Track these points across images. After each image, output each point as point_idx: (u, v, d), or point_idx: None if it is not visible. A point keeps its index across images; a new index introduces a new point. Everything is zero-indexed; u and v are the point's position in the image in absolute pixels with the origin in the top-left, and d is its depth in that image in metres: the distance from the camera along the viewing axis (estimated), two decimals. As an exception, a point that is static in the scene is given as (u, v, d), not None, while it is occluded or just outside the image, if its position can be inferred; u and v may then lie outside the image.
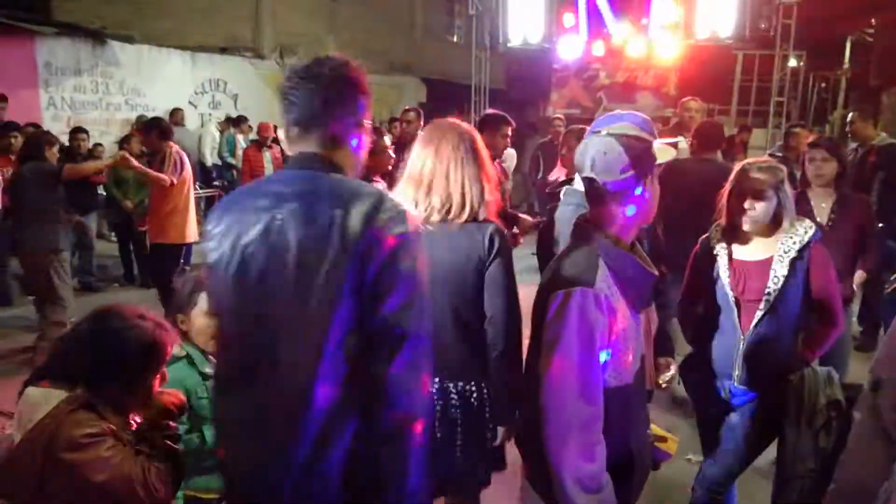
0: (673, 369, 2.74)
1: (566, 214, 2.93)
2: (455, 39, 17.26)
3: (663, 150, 1.79)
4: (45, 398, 1.77)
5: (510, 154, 9.88)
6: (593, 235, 1.79)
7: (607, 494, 1.71)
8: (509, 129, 4.96)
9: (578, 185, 2.93)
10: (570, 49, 11.57)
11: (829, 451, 2.42)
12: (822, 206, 3.67)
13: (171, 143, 5.73)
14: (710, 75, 12.39)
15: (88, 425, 1.74)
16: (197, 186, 9.41)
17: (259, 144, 9.25)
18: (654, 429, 2.07)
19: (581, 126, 3.96)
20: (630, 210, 1.77)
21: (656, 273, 1.85)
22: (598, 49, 11.54)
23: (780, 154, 5.93)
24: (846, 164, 3.86)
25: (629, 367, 1.78)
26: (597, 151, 1.75)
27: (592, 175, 1.76)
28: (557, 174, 5.15)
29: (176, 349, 2.17)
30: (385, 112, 14.74)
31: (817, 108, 15.39)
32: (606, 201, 1.77)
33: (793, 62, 12.13)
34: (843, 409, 2.45)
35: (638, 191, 1.75)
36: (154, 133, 5.74)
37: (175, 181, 5.62)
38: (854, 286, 3.91)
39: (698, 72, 11.58)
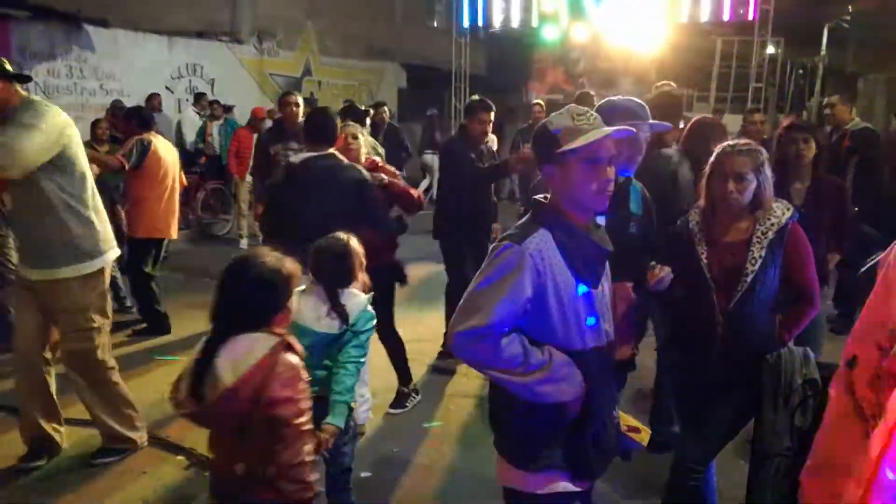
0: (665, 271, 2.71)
1: None
2: (436, 24, 17.15)
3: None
4: (252, 344, 2.00)
5: (491, 140, 9.87)
6: (543, 209, 1.99)
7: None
8: (486, 114, 4.93)
9: None
10: (551, 34, 11.57)
11: (805, 430, 2.46)
12: (797, 187, 3.69)
13: (149, 134, 5.61)
14: (690, 61, 12.44)
15: (294, 364, 2.03)
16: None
17: (252, 127, 9.16)
18: (627, 418, 2.10)
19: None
20: (565, 188, 1.95)
21: (609, 248, 2.01)
22: (579, 34, 11.54)
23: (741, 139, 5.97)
24: (822, 147, 3.89)
25: (575, 332, 1.93)
26: None
27: None
28: None
29: None
30: (366, 97, 14.67)
31: (795, 94, 15.50)
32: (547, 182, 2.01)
33: (771, 49, 12.22)
34: (819, 388, 2.48)
35: (553, 173, 1.95)
36: (134, 120, 5.68)
37: (126, 165, 5.46)
38: (829, 268, 3.95)
39: (678, 57, 11.62)
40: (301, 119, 5.89)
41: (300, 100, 6.22)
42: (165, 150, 5.73)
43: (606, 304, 2.05)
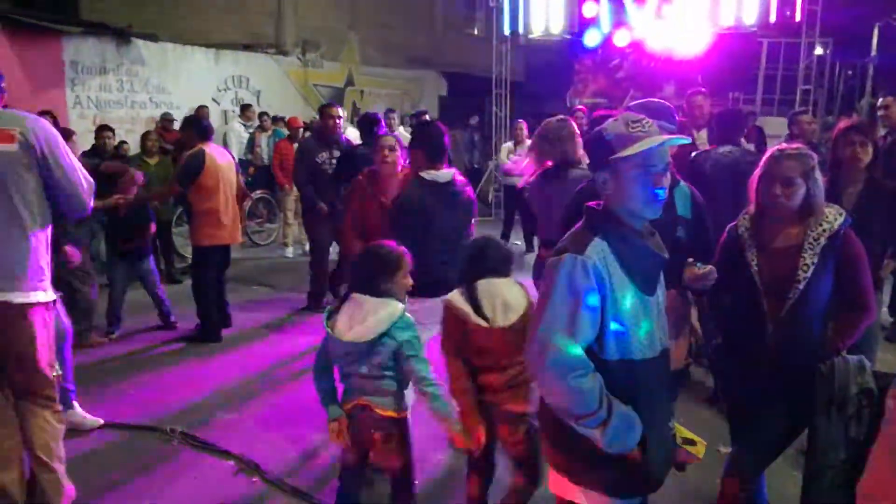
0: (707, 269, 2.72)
1: None
2: (475, 32, 17.20)
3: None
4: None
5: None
6: (597, 216, 1.98)
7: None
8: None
9: None
10: (592, 39, 11.49)
11: (860, 441, 2.39)
12: (850, 191, 3.60)
13: (205, 144, 5.70)
14: (735, 64, 12.23)
15: None
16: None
17: (290, 138, 9.37)
18: (683, 431, 2.07)
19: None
20: (618, 195, 1.94)
21: (665, 256, 1.99)
22: (621, 39, 11.44)
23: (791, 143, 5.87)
24: (878, 149, 3.78)
25: (631, 341, 1.92)
26: None
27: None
28: None
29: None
30: (407, 105, 14.78)
31: (844, 96, 15.12)
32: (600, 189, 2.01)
33: (819, 50, 11.94)
34: (875, 398, 2.41)
35: (607, 180, 1.95)
36: (193, 129, 5.83)
37: (180, 189, 5.70)
38: (883, 275, 3.84)
39: (723, 60, 11.43)
40: (342, 128, 6.31)
41: (341, 111, 6.48)
42: (220, 159, 5.80)
43: (662, 313, 2.03)
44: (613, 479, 1.95)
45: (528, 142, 9.83)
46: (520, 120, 10.01)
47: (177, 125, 9.62)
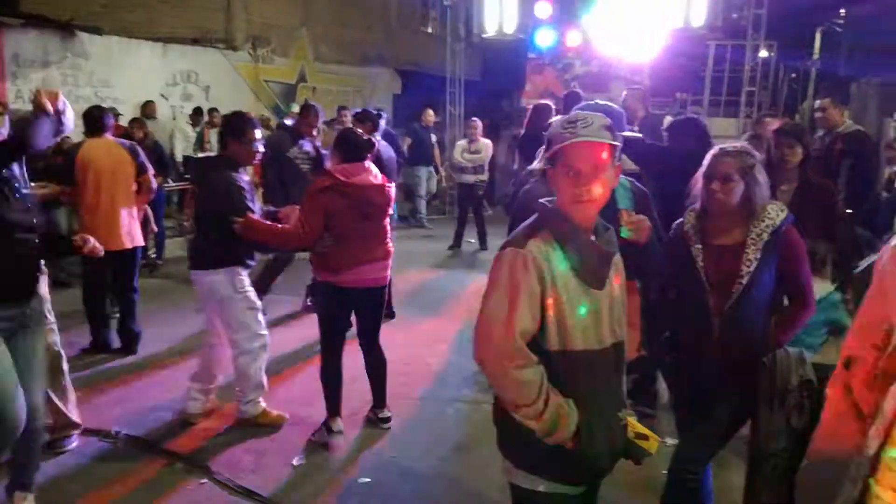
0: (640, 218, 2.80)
1: None
2: (430, 30, 17.20)
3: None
4: None
5: (486, 144, 9.91)
6: (544, 212, 2.02)
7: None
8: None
9: None
10: (545, 39, 11.61)
11: (801, 430, 2.47)
12: (783, 189, 3.72)
13: (93, 138, 5.40)
14: (683, 65, 12.49)
15: None
16: (170, 180, 9.34)
17: None
18: (636, 425, 2.09)
19: None
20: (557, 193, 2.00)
21: (613, 251, 2.04)
22: (573, 39, 11.58)
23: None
24: (810, 150, 3.92)
25: (574, 333, 1.94)
26: None
27: None
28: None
29: None
30: (360, 103, 14.68)
31: (788, 98, 15.58)
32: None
33: (764, 53, 12.27)
34: (816, 389, 2.49)
35: (552, 178, 1.99)
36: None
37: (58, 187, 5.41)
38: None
39: (671, 62, 11.66)
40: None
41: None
42: (96, 154, 5.32)
43: (615, 306, 2.06)
44: (556, 466, 1.99)
45: (482, 140, 9.95)
46: (474, 118, 10.05)
47: (123, 121, 9.37)
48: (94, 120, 5.49)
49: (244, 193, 3.95)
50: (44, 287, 3.27)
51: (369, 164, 4.02)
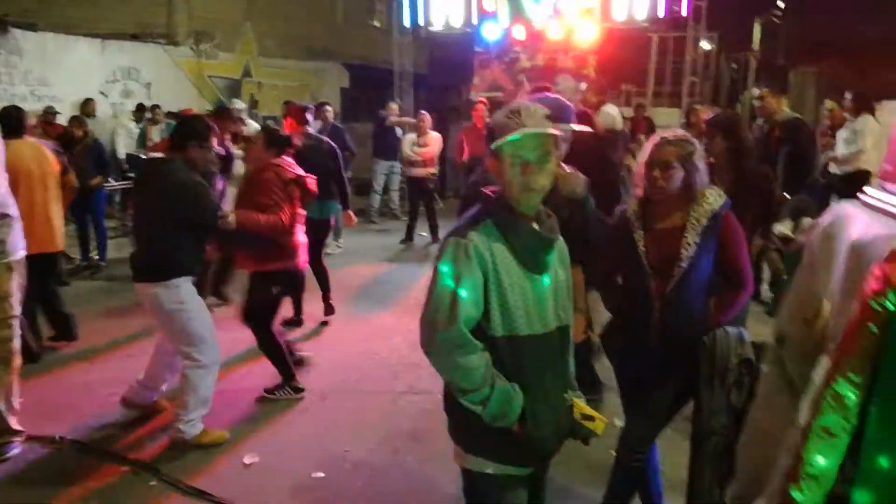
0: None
1: None
2: (377, 24, 17.09)
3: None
4: None
5: (436, 138, 9.91)
6: (487, 202, 2.06)
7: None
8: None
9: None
10: (492, 33, 11.66)
11: (741, 408, 2.55)
12: (716, 178, 3.81)
13: (12, 139, 4.82)
14: (627, 57, 12.69)
15: None
16: (111, 179, 9.09)
17: None
18: (582, 407, 2.12)
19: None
20: (502, 183, 2.03)
21: (554, 237, 2.07)
22: (519, 33, 11.66)
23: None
24: (742, 139, 3.98)
25: (517, 318, 1.98)
26: None
27: None
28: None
29: None
30: (307, 98, 14.52)
31: (729, 88, 15.96)
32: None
33: (705, 44, 12.56)
34: (754, 368, 2.57)
35: (497, 168, 2.02)
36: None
37: None
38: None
39: (616, 53, 11.84)
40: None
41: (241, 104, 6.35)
42: (22, 157, 4.94)
43: (560, 291, 2.11)
44: (504, 449, 2.04)
45: (431, 133, 9.95)
46: (422, 112, 10.04)
47: (61, 119, 9.09)
48: (14, 120, 5.11)
49: (210, 191, 3.94)
50: None
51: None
